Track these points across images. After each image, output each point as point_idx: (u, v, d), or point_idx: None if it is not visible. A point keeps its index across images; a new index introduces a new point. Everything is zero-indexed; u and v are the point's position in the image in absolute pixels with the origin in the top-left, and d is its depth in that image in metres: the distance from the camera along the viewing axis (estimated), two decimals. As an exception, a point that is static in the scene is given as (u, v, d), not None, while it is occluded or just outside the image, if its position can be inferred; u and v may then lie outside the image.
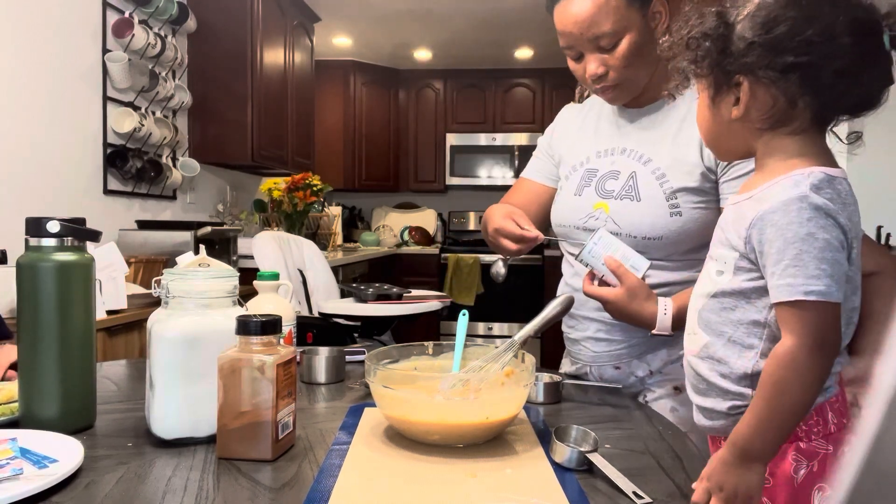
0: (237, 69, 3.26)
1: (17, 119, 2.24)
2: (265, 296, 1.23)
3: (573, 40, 1.10)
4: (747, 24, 0.66)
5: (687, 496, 0.71)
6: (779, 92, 0.66)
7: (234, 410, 0.78)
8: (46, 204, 2.35)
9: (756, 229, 0.66)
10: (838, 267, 0.61)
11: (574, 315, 1.22)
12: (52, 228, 0.86)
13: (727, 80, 0.68)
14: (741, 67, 0.66)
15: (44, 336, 0.86)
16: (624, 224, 1.12)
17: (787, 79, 0.65)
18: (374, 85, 5.42)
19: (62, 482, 0.69)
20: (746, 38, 0.65)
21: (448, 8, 4.19)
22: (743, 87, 0.68)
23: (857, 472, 0.25)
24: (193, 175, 3.19)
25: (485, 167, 5.44)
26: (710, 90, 0.71)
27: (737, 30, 0.67)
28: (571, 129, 1.32)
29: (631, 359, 1.18)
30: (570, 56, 1.15)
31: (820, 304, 0.61)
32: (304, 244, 2.96)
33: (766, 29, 0.64)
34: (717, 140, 0.75)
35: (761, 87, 0.67)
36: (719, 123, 0.72)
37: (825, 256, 0.61)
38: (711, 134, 0.75)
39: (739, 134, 0.72)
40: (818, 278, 0.61)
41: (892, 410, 0.24)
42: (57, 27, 2.40)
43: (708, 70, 0.69)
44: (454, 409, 0.81)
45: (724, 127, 0.72)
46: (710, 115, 0.73)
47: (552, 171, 1.35)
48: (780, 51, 0.64)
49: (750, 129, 0.70)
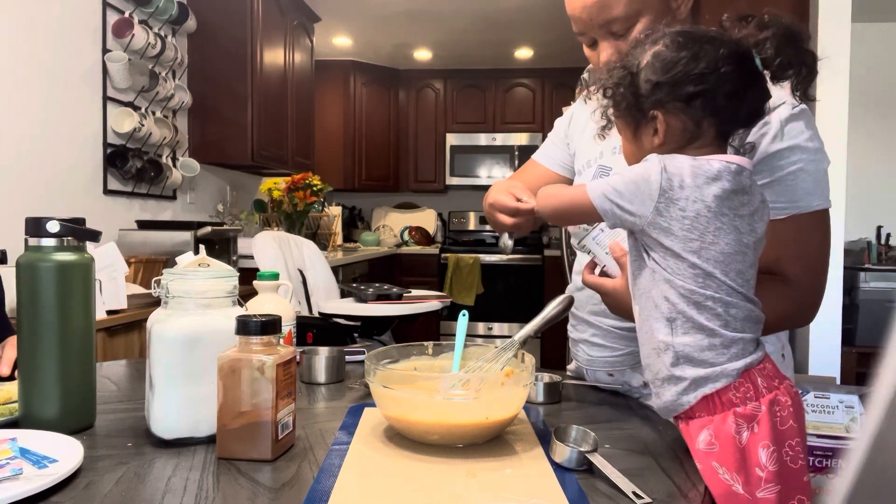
0: (237, 69, 3.26)
1: (17, 119, 2.24)
2: (265, 296, 1.23)
3: (584, 26, 1.05)
4: (649, 70, 0.80)
5: (687, 496, 0.71)
6: (686, 117, 0.80)
7: (234, 410, 0.78)
8: (46, 204, 2.35)
9: None
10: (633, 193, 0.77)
11: (574, 315, 1.22)
12: (52, 228, 0.86)
13: (643, 116, 0.83)
14: (654, 104, 0.81)
15: (44, 336, 0.86)
16: None
17: (692, 106, 0.79)
18: (374, 85, 5.42)
19: (62, 482, 0.69)
20: (652, 80, 0.80)
21: (448, 8, 4.19)
22: (658, 118, 0.81)
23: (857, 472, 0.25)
24: (193, 175, 3.19)
25: (485, 167, 5.44)
26: (630, 129, 0.86)
27: (641, 77, 0.81)
28: (590, 122, 1.24)
29: (625, 367, 1.16)
30: (584, 42, 1.09)
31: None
32: (304, 244, 2.96)
33: (666, 70, 0.79)
34: None
35: (672, 116, 0.81)
36: (644, 152, 0.84)
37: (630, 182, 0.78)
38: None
39: None
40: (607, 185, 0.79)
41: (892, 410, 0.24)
42: (57, 27, 2.40)
43: (626, 112, 0.84)
44: (454, 409, 0.81)
45: (647, 155, 0.84)
46: (634, 148, 0.87)
47: (565, 160, 1.31)
48: (680, 85, 0.79)
49: (668, 152, 0.82)
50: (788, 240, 0.97)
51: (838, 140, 2.65)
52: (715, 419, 0.76)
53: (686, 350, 0.77)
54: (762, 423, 0.74)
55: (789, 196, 0.96)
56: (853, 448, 0.25)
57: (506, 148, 5.38)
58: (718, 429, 0.75)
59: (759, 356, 0.78)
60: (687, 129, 0.81)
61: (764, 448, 0.73)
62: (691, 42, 0.80)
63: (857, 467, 0.24)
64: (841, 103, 2.68)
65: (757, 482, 0.73)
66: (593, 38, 1.06)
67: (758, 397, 0.75)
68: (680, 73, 0.78)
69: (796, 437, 0.75)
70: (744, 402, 0.75)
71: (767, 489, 0.73)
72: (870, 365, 3.23)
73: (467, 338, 0.98)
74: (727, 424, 0.75)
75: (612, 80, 0.84)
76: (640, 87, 0.81)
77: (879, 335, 2.92)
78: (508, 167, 5.37)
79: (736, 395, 0.75)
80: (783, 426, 0.75)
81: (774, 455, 0.73)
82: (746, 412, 0.75)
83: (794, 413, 0.76)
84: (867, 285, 3.27)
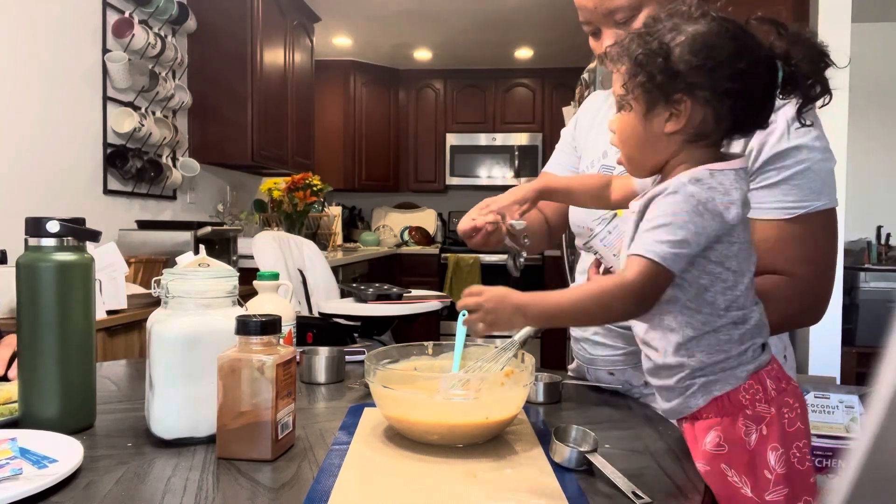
0: (237, 69, 3.26)
1: (17, 119, 2.24)
2: (265, 296, 1.23)
3: (588, 14, 1.06)
4: (686, 49, 0.73)
5: (687, 496, 0.71)
6: (710, 111, 0.74)
7: (234, 410, 0.78)
8: (46, 204, 2.35)
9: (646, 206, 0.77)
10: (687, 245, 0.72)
11: None
12: (52, 228, 0.86)
13: (665, 97, 0.75)
14: (686, 87, 0.73)
15: (44, 336, 0.86)
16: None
17: (722, 101, 0.73)
18: (374, 85, 5.42)
19: (62, 482, 0.69)
20: (692, 61, 0.72)
21: (448, 8, 4.19)
22: (685, 104, 0.74)
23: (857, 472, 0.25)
24: (193, 175, 3.19)
25: (485, 167, 5.44)
26: (643, 105, 0.77)
27: (676, 53, 0.73)
28: (596, 119, 1.25)
29: (626, 367, 1.15)
30: (588, 31, 1.10)
31: (656, 265, 0.72)
32: (304, 244, 2.96)
33: (708, 55, 0.72)
34: (642, 152, 0.81)
35: (698, 106, 0.74)
36: (649, 136, 0.78)
37: (679, 234, 0.71)
38: (637, 145, 0.81)
39: (664, 147, 0.78)
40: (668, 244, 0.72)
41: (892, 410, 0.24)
42: (57, 27, 2.40)
43: (649, 86, 0.76)
44: (454, 409, 0.81)
45: (652, 140, 0.78)
46: (641, 127, 0.79)
47: (575, 164, 1.30)
48: (720, 76, 0.72)
49: (676, 142, 0.77)
50: (796, 239, 0.96)
51: (838, 140, 2.65)
52: (723, 421, 0.75)
53: (699, 366, 0.76)
54: (771, 426, 0.74)
55: (797, 195, 0.95)
56: (853, 448, 0.25)
57: (506, 148, 5.38)
58: (728, 431, 0.75)
59: (766, 357, 0.77)
60: (706, 123, 0.75)
61: (773, 450, 0.73)
62: (737, 34, 0.73)
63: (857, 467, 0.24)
64: (841, 103, 2.68)
65: (766, 484, 0.73)
66: (597, 27, 1.07)
67: (766, 399, 0.75)
68: (724, 63, 0.72)
69: (803, 438, 0.75)
70: (752, 404, 0.75)
71: (776, 491, 0.72)
72: (870, 365, 3.23)
73: (467, 338, 0.98)
74: (737, 427, 0.74)
75: (643, 47, 0.75)
76: (674, 65, 0.73)
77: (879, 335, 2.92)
78: (508, 167, 5.37)
79: (745, 396, 0.75)
80: (791, 428, 0.74)
81: (783, 457, 0.73)
82: (756, 414, 0.74)
83: (801, 415, 0.76)
84: (867, 285, 3.27)
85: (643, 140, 0.79)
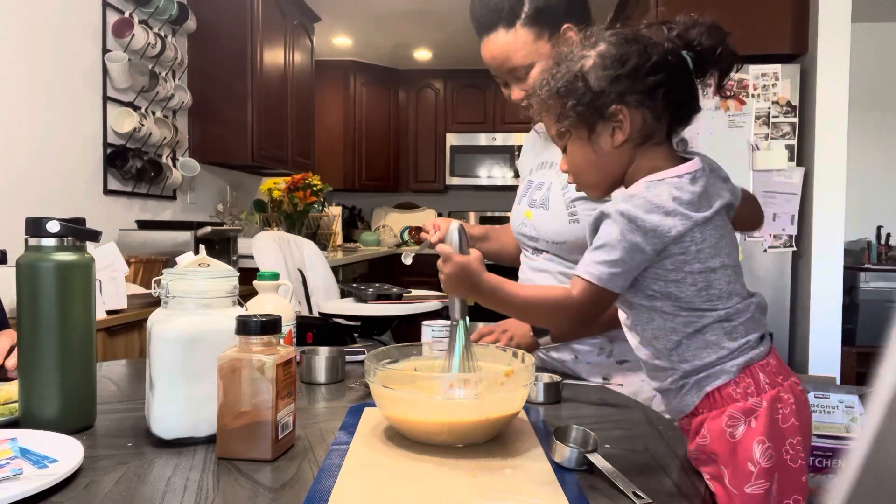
0: (237, 69, 3.26)
1: (17, 119, 2.24)
2: (265, 296, 1.23)
3: (495, 72, 1.26)
4: (599, 69, 0.78)
5: (687, 496, 0.71)
6: (646, 110, 0.78)
7: (234, 410, 0.78)
8: (46, 204, 2.35)
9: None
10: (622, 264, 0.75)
11: None
12: (52, 228, 0.86)
13: (600, 115, 0.79)
14: (616, 98, 0.77)
15: (44, 336, 0.86)
16: (539, 230, 1.25)
17: (654, 97, 0.77)
18: (374, 85, 5.41)
19: (62, 482, 0.69)
20: (610, 74, 0.77)
21: (448, 8, 4.19)
22: (623, 113, 0.78)
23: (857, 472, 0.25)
24: (193, 175, 3.19)
25: (485, 167, 5.44)
26: (584, 132, 0.81)
27: (592, 75, 0.78)
28: (534, 145, 1.41)
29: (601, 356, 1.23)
30: (499, 82, 1.29)
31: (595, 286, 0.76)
32: (304, 244, 2.95)
33: (621, 64, 0.77)
34: (599, 173, 0.84)
35: (634, 111, 0.78)
36: (601, 156, 0.81)
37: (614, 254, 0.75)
38: (593, 169, 0.83)
39: (618, 160, 0.82)
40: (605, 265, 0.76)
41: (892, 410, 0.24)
42: (57, 27, 2.40)
43: (581, 112, 0.79)
44: (454, 409, 0.81)
45: (605, 158, 0.81)
46: (591, 151, 0.82)
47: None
48: (641, 75, 0.77)
49: (627, 151, 0.80)
50: None
51: (838, 140, 2.64)
52: (713, 414, 0.76)
53: (691, 368, 0.78)
54: (760, 419, 0.74)
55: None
56: (853, 448, 0.25)
57: (506, 148, 5.38)
58: (711, 421, 0.76)
59: (760, 351, 0.78)
60: (647, 123, 0.79)
61: (759, 443, 0.73)
62: (634, 39, 0.79)
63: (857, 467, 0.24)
64: (841, 103, 2.68)
65: (746, 476, 0.73)
66: (504, 80, 1.27)
67: (759, 393, 0.75)
68: (637, 65, 0.77)
69: (797, 435, 0.75)
70: (744, 398, 0.75)
71: (757, 485, 0.73)
72: (870, 365, 3.22)
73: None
74: (722, 417, 0.76)
75: (560, 81, 0.80)
76: (595, 85, 0.78)
77: (879, 335, 2.92)
78: (508, 167, 5.37)
79: (736, 390, 0.76)
80: (784, 423, 0.74)
81: (769, 451, 0.73)
82: (745, 406, 0.75)
83: (796, 411, 0.75)
84: (867, 285, 3.27)
85: (596, 162, 0.82)
